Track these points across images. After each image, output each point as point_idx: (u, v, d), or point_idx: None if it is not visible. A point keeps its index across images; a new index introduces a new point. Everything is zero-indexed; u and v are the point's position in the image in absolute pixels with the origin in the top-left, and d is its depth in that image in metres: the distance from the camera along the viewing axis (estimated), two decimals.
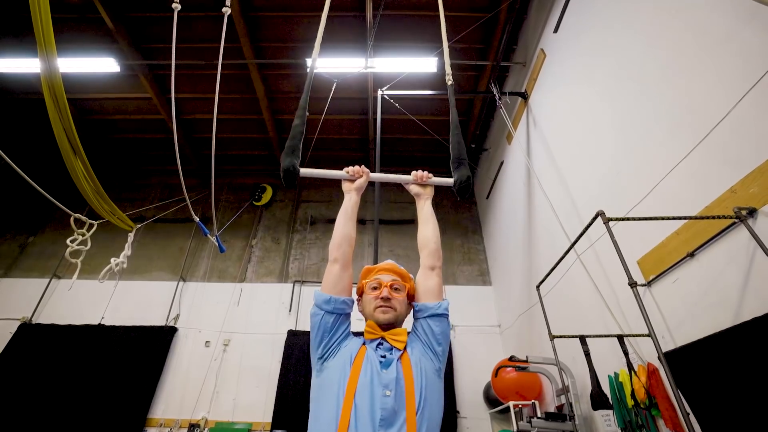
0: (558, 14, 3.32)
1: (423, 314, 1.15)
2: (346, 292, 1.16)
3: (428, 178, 1.33)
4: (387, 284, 1.17)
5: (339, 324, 1.13)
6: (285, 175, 1.26)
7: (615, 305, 2.51)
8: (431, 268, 1.20)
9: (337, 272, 1.16)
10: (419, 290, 1.20)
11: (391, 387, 0.96)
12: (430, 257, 1.22)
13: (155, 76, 5.00)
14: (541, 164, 3.73)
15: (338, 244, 1.19)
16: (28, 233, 5.88)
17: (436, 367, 1.08)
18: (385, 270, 1.23)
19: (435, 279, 1.19)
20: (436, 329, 1.11)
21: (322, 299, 1.14)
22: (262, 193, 6.24)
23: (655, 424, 2.09)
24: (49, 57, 2.11)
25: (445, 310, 1.14)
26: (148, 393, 4.34)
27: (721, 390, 1.60)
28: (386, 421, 0.91)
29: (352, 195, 1.29)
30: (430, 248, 1.23)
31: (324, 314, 1.12)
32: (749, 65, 1.61)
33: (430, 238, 1.25)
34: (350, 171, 1.30)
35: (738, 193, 1.62)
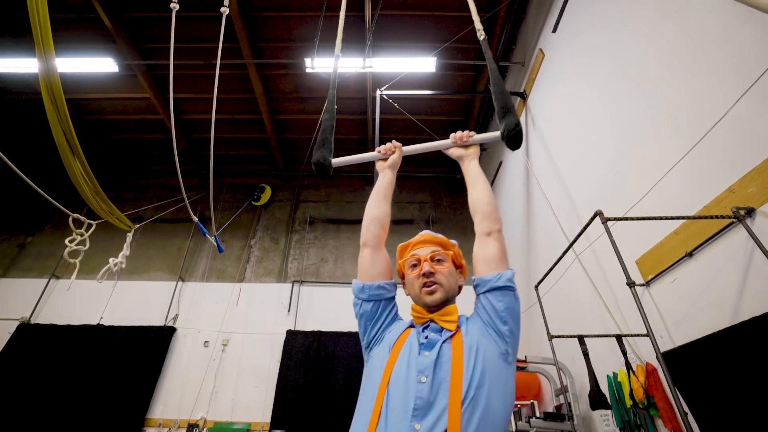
0: (557, 14, 3.32)
1: (482, 288, 0.98)
2: (382, 276, 1.06)
3: (470, 137, 1.21)
4: (426, 257, 1.04)
5: (380, 311, 1.03)
6: (317, 167, 1.22)
7: (613, 305, 2.51)
8: (487, 233, 1.03)
9: (368, 256, 1.07)
10: (477, 261, 1.03)
11: (428, 372, 0.85)
12: (485, 221, 1.05)
13: (154, 76, 4.99)
14: (539, 164, 3.73)
15: (367, 226, 1.11)
16: (27, 233, 5.87)
17: (502, 350, 0.91)
18: (421, 243, 1.11)
19: (494, 245, 1.01)
20: (499, 305, 0.94)
21: (357, 288, 1.06)
22: (261, 193, 6.23)
23: (654, 424, 2.09)
24: (47, 57, 2.10)
25: (507, 282, 0.96)
26: (146, 393, 4.33)
27: (719, 390, 1.60)
28: (421, 411, 0.79)
29: (386, 173, 1.20)
30: (483, 211, 1.06)
31: (362, 303, 1.04)
32: (747, 65, 1.61)
33: (482, 199, 1.09)
34: (382, 150, 1.23)
35: (736, 193, 1.62)
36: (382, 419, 0.81)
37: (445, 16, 4.37)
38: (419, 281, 1.02)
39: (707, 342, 1.70)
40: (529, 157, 3.97)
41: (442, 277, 1.01)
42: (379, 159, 1.24)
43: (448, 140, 1.23)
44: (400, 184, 6.14)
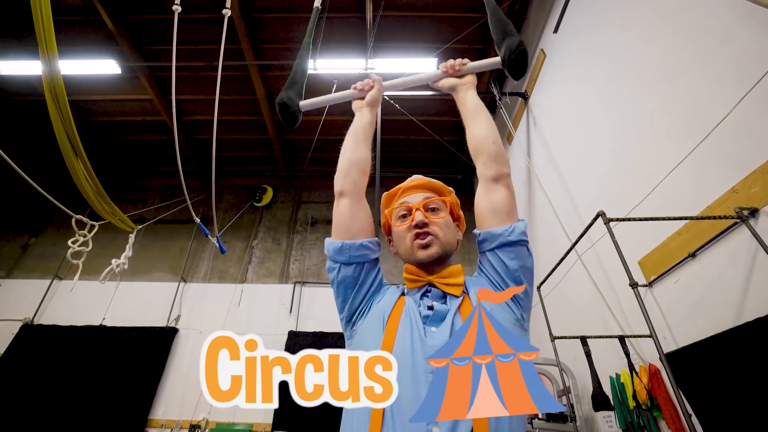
0: (558, 14, 3.32)
1: (491, 244, 0.82)
2: (364, 233, 0.86)
3: (462, 66, 1.03)
4: (419, 205, 0.86)
5: (364, 275, 0.84)
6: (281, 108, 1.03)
7: (616, 306, 2.50)
8: (494, 179, 0.85)
9: (347, 208, 0.87)
10: (481, 212, 0.86)
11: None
12: (491, 163, 0.86)
13: (156, 77, 5.01)
14: (541, 164, 3.72)
15: (345, 171, 0.90)
16: (30, 234, 5.90)
17: (517, 315, 0.77)
18: (412, 188, 0.92)
19: (503, 192, 0.84)
20: (512, 263, 0.79)
21: (334, 249, 0.85)
22: (263, 194, 6.24)
23: (657, 426, 2.08)
24: (50, 59, 2.12)
25: (521, 235, 0.81)
26: (149, 394, 4.34)
27: (723, 391, 1.59)
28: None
29: (363, 113, 1.02)
30: (489, 150, 0.87)
31: (340, 267, 0.84)
32: (750, 65, 1.60)
33: (486, 135, 0.88)
34: (358, 86, 1.05)
35: (739, 193, 1.61)
36: (388, 420, 0.65)
37: (446, 17, 4.37)
38: (410, 234, 0.84)
39: (711, 343, 1.69)
40: (531, 157, 3.96)
41: (438, 229, 0.84)
42: (357, 98, 1.06)
43: (437, 71, 1.04)
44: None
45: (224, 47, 2.45)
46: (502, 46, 1.05)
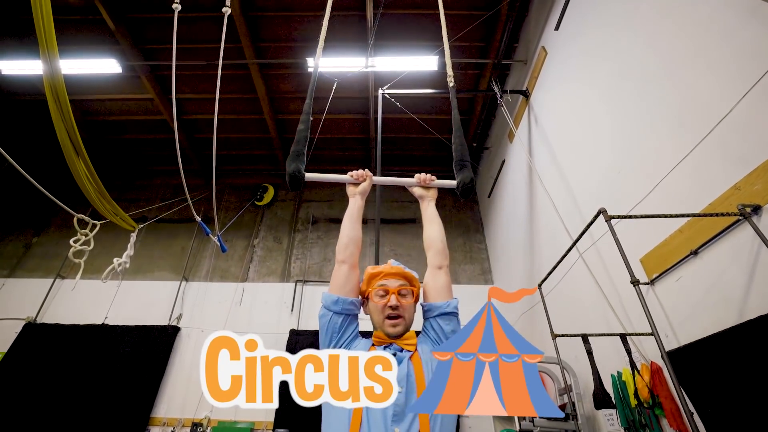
0: (559, 11, 3.30)
1: (432, 313, 1.15)
2: (354, 293, 1.17)
3: (431, 181, 1.35)
4: (395, 290, 1.15)
5: (347, 325, 1.13)
6: (291, 180, 1.27)
7: (617, 304, 2.49)
8: (438, 267, 1.21)
9: (345, 273, 1.17)
10: (428, 290, 1.20)
11: (403, 384, 0.98)
12: (437, 256, 1.22)
13: (157, 76, 5.02)
14: (542, 162, 3.71)
15: (345, 246, 1.20)
16: (33, 233, 5.92)
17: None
18: (392, 275, 1.21)
19: (443, 278, 1.19)
20: (446, 327, 1.11)
21: (331, 300, 1.13)
22: (264, 193, 6.25)
23: (659, 424, 2.07)
24: (51, 58, 2.12)
25: (454, 309, 1.14)
26: (151, 392, 4.36)
27: (725, 389, 1.59)
28: (398, 416, 0.94)
29: (357, 199, 1.30)
30: (436, 247, 1.23)
31: (332, 315, 1.12)
32: (752, 62, 1.59)
33: (436, 237, 1.25)
34: (354, 175, 1.31)
35: (742, 190, 1.60)
36: (365, 425, 0.93)
37: (446, 15, 4.34)
38: (385, 312, 1.13)
39: (713, 341, 1.68)
40: (532, 155, 3.95)
41: (406, 312, 1.14)
42: (351, 183, 1.32)
43: (413, 179, 1.36)
44: None
45: (225, 46, 2.45)
46: (459, 175, 1.36)
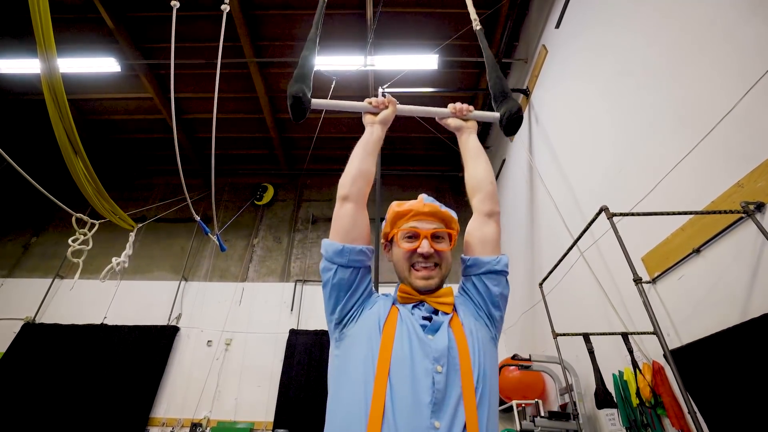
0: (560, 9, 3.29)
1: (477, 270, 0.92)
2: (362, 240, 0.90)
3: (469, 111, 1.13)
4: (427, 233, 0.90)
5: (358, 280, 0.88)
6: (294, 102, 1.04)
7: (619, 303, 2.48)
8: (488, 215, 0.97)
9: (350, 213, 0.91)
10: (472, 241, 0.96)
11: (443, 360, 0.74)
12: (486, 201, 0.98)
13: (156, 75, 5.00)
14: (543, 161, 3.70)
15: (352, 179, 0.94)
16: (31, 233, 5.91)
17: (492, 334, 0.88)
18: (423, 214, 0.94)
19: (493, 227, 0.96)
20: (495, 289, 0.90)
21: (334, 250, 0.88)
22: (264, 193, 6.23)
23: (661, 424, 2.06)
24: (48, 57, 2.10)
25: (505, 267, 0.92)
26: (150, 392, 4.35)
27: (728, 388, 1.58)
28: (439, 406, 0.69)
29: (375, 128, 1.05)
30: (485, 190, 0.99)
31: (337, 269, 0.87)
32: (755, 58, 1.58)
33: (483, 177, 1.01)
34: (373, 102, 1.08)
35: (745, 188, 1.59)
36: (389, 416, 0.68)
37: (446, 13, 4.34)
38: (413, 259, 0.90)
39: (716, 339, 1.67)
40: (533, 154, 3.94)
41: (443, 261, 0.91)
42: (369, 112, 1.08)
43: (446, 109, 1.13)
44: (401, 183, 6.15)
45: (225, 45, 2.44)
46: (502, 106, 1.15)
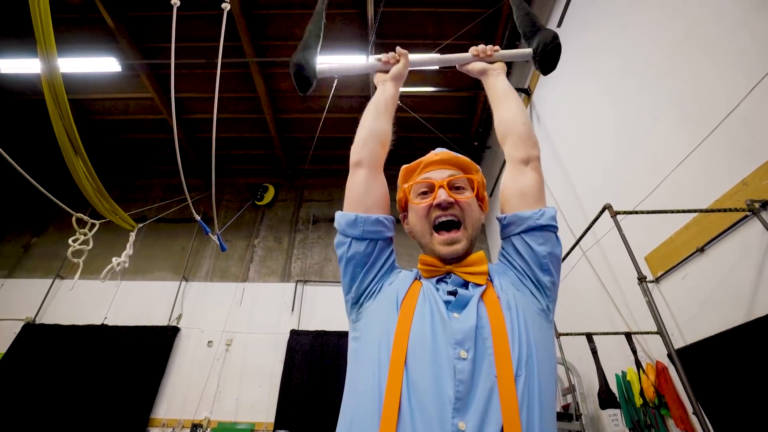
0: (562, 8, 3.28)
1: (516, 228, 0.75)
2: (379, 208, 0.79)
3: (495, 51, 0.99)
4: (443, 182, 0.77)
5: (377, 254, 0.76)
6: (297, 73, 0.95)
7: (622, 302, 2.47)
8: (524, 161, 0.80)
9: (363, 179, 0.79)
10: (508, 195, 0.80)
11: (469, 344, 0.60)
12: (521, 145, 0.81)
13: (157, 75, 5.00)
14: (545, 160, 3.67)
15: (363, 141, 0.83)
16: (32, 234, 5.90)
17: (542, 305, 0.71)
18: (436, 163, 0.82)
19: (532, 175, 0.78)
20: (540, 249, 0.72)
21: (346, 221, 0.77)
22: (264, 193, 6.22)
23: (665, 424, 2.05)
24: (49, 57, 2.10)
25: (551, 220, 0.74)
26: (150, 393, 4.33)
27: (734, 389, 1.56)
28: (464, 401, 0.55)
29: (387, 86, 0.94)
30: (517, 132, 0.83)
31: (351, 242, 0.76)
32: (760, 54, 1.57)
33: (515, 118, 0.85)
34: (383, 58, 0.98)
35: (750, 186, 1.57)
36: (406, 413, 0.55)
37: (447, 13, 4.33)
38: (431, 217, 0.77)
39: (721, 339, 1.66)
40: None
41: (462, 212, 0.76)
42: (380, 70, 0.99)
43: (467, 54, 1.00)
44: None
45: (225, 44, 2.43)
46: (534, 38, 0.98)
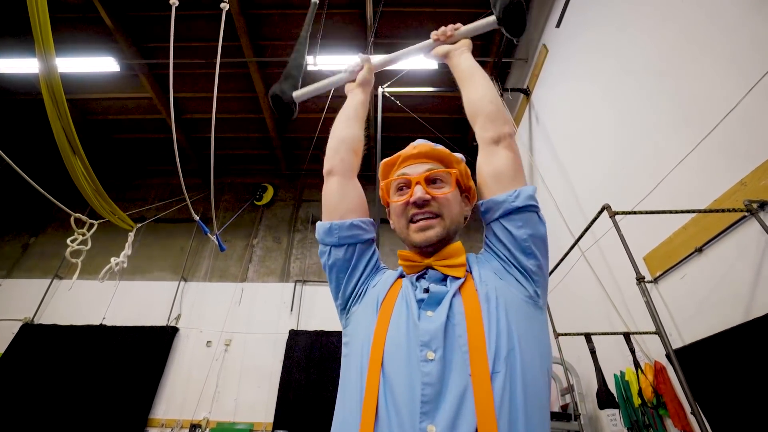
0: (560, 8, 3.28)
1: (495, 213, 0.71)
2: (354, 213, 0.79)
3: (455, 30, 0.96)
4: (419, 178, 0.74)
5: (357, 258, 0.77)
6: (274, 102, 1.01)
7: (620, 303, 2.47)
8: (495, 141, 0.75)
9: (335, 187, 0.80)
10: (483, 179, 0.76)
11: (435, 344, 0.58)
12: (489, 124, 0.77)
13: (155, 75, 4.99)
14: (543, 161, 3.69)
15: (334, 150, 0.84)
16: (30, 234, 5.88)
17: (529, 292, 0.67)
18: (414, 156, 0.80)
19: (505, 154, 0.74)
20: (520, 232, 0.68)
21: (323, 230, 0.78)
22: (263, 193, 6.22)
23: (663, 424, 2.05)
24: (47, 56, 2.09)
25: (528, 200, 0.70)
26: (149, 393, 4.33)
27: (732, 389, 1.57)
28: (433, 404, 0.53)
29: (355, 93, 0.96)
30: (486, 111, 0.78)
31: (330, 249, 0.77)
32: (758, 54, 1.57)
33: (482, 95, 0.81)
34: (348, 68, 1.01)
35: (748, 186, 1.58)
36: (383, 415, 0.55)
37: (447, 13, 4.34)
38: (407, 213, 0.74)
39: (719, 339, 1.66)
40: (533, 153, 3.93)
41: (441, 207, 0.73)
42: (349, 80, 1.02)
43: (427, 41, 0.97)
44: None
45: (224, 44, 2.42)
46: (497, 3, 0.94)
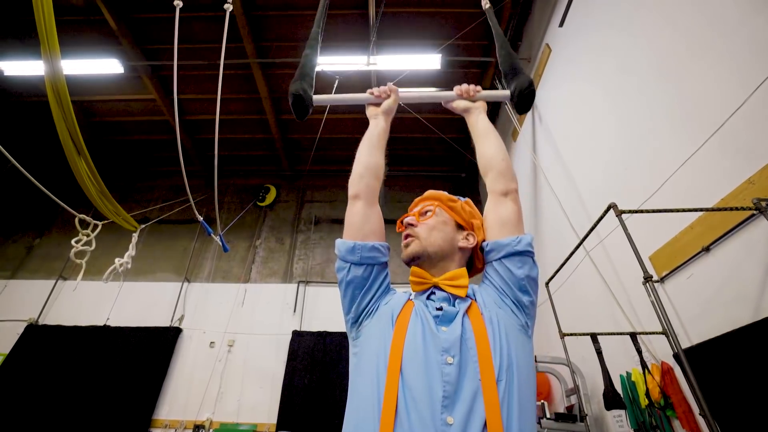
0: (563, 8, 3.27)
1: (498, 254, 0.86)
2: (375, 236, 0.90)
3: (477, 92, 1.10)
4: (416, 212, 0.96)
5: (373, 277, 0.87)
6: (295, 100, 1.05)
7: (626, 302, 2.45)
8: (503, 194, 0.92)
9: (361, 210, 0.91)
10: (490, 224, 0.92)
11: (454, 351, 0.71)
12: (500, 179, 0.93)
13: (159, 77, 5.01)
14: (547, 160, 3.68)
15: (359, 175, 0.95)
16: (35, 235, 5.92)
17: (521, 322, 0.82)
18: (421, 200, 1.01)
19: (510, 206, 0.91)
20: (519, 272, 0.84)
21: (346, 249, 0.87)
22: (266, 194, 6.23)
23: (670, 425, 2.03)
24: (52, 58, 2.11)
25: (527, 246, 0.86)
26: (152, 394, 4.33)
27: (740, 390, 1.55)
28: (451, 399, 0.66)
29: (379, 120, 1.06)
30: (497, 168, 0.95)
31: (350, 267, 0.87)
32: (764, 54, 1.56)
33: (495, 154, 0.97)
34: (375, 92, 1.09)
35: (756, 184, 1.56)
36: (402, 411, 0.66)
37: (449, 13, 4.34)
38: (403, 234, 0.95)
39: (727, 339, 1.64)
40: (537, 153, 3.91)
41: (421, 230, 0.91)
42: (372, 103, 1.10)
43: (451, 92, 1.11)
44: (401, 184, 6.14)
45: (227, 46, 2.43)
46: (512, 82, 1.10)
